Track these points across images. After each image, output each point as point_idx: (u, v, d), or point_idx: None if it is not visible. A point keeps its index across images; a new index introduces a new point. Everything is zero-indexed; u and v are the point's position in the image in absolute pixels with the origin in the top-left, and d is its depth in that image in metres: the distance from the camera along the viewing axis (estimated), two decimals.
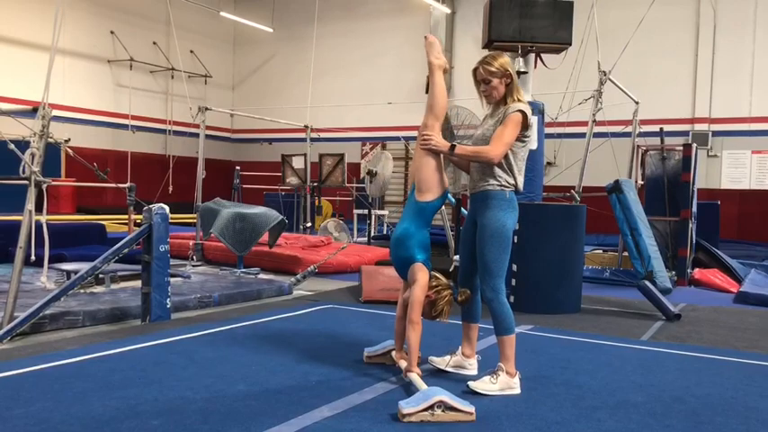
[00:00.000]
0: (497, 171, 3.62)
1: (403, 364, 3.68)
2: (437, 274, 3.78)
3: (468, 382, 3.51)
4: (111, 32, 17.58)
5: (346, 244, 9.82)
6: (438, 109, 3.83)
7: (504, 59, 3.68)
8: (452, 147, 3.69)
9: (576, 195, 8.23)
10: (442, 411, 3.03)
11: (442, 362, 3.91)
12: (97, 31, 17.23)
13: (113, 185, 7.57)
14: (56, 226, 7.90)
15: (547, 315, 5.82)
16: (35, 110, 4.78)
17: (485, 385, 3.48)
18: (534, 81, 7.02)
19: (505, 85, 3.65)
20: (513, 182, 3.65)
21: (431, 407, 3.02)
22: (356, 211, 12.98)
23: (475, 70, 3.72)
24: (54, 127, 4.93)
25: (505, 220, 3.61)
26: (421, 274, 3.66)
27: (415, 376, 3.49)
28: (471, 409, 3.07)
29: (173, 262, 5.91)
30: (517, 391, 3.51)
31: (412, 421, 2.99)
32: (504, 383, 3.50)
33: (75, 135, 15.19)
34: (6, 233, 7.80)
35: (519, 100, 3.65)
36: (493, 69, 3.63)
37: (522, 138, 3.65)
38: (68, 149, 6.43)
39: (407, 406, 3.03)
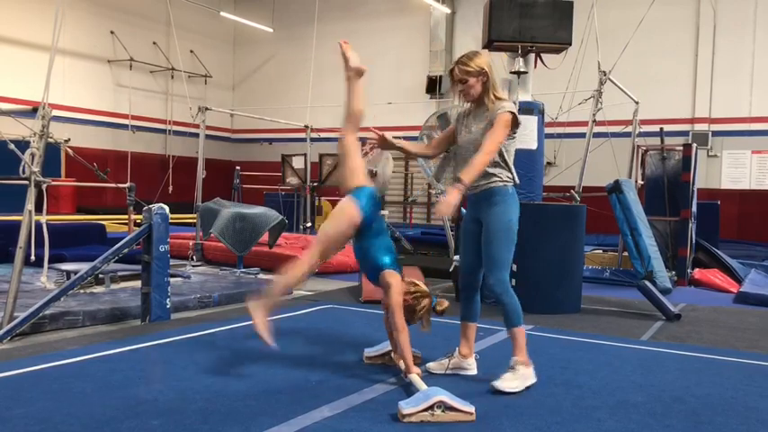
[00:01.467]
0: (497, 169, 3.66)
1: (402, 364, 3.68)
2: (415, 281, 3.79)
3: (492, 383, 3.51)
4: (111, 32, 17.58)
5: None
6: (356, 120, 3.81)
7: (481, 59, 3.68)
8: (459, 181, 3.52)
9: (576, 195, 8.23)
10: (442, 411, 3.03)
11: (441, 367, 3.91)
12: (97, 31, 17.23)
13: (113, 185, 7.57)
14: (56, 226, 7.90)
15: (547, 315, 5.81)
16: (35, 110, 4.78)
17: (509, 383, 3.51)
18: (534, 81, 7.02)
19: (482, 84, 3.66)
20: (511, 176, 3.70)
21: (431, 407, 3.02)
22: None
23: (451, 71, 3.73)
24: (54, 127, 4.93)
25: (512, 214, 3.67)
26: (392, 279, 3.66)
27: (414, 377, 3.49)
28: (471, 409, 3.07)
29: (172, 262, 5.91)
30: (534, 379, 3.60)
31: (412, 421, 2.99)
32: (524, 375, 3.57)
33: (75, 135, 15.16)
34: (6, 233, 7.80)
35: (498, 97, 3.66)
36: (469, 69, 3.64)
37: (511, 134, 3.68)
38: (68, 149, 6.43)
39: (407, 406, 3.03)
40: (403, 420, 3.00)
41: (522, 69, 6.66)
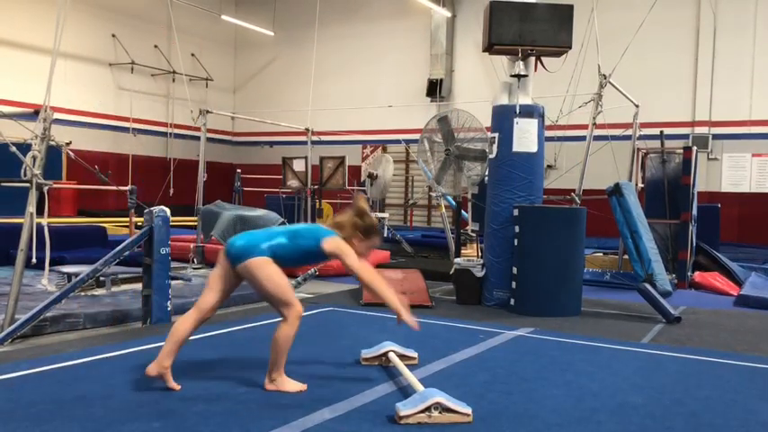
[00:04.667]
0: None
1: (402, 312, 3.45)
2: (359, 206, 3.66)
3: None
4: (113, 36, 17.62)
5: None
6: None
7: None
8: None
9: (577, 198, 8.24)
10: (439, 413, 3.03)
11: None
12: (99, 34, 17.27)
13: (114, 188, 7.58)
14: (57, 228, 7.92)
15: (547, 318, 5.82)
16: (37, 112, 4.80)
17: None
18: (534, 84, 7.03)
19: None
20: None
21: (428, 408, 3.02)
22: None
23: None
24: (55, 130, 4.95)
25: None
26: (333, 244, 3.49)
27: (406, 373, 3.50)
28: (468, 410, 3.07)
29: (173, 264, 5.91)
30: None
31: (409, 423, 2.99)
32: None
33: (77, 138, 15.26)
34: (7, 236, 7.81)
35: None
36: None
37: None
38: (69, 152, 6.45)
39: (404, 408, 3.03)
40: (400, 422, 3.00)
41: (522, 72, 6.67)
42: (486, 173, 7.20)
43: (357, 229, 3.60)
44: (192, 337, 4.65)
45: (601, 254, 10.02)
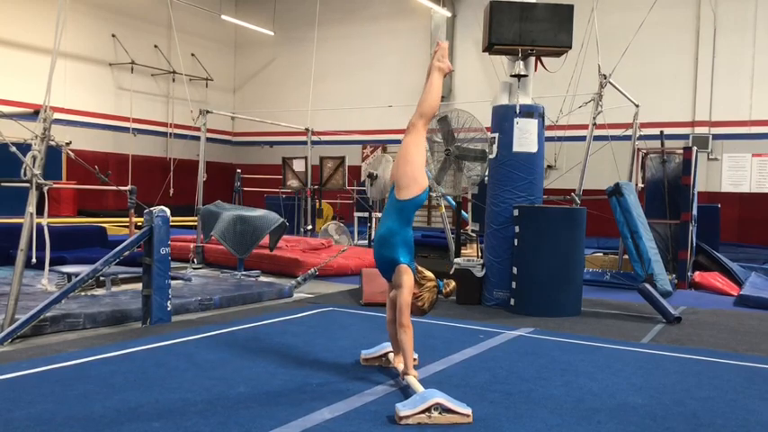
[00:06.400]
0: None
1: (402, 366, 3.68)
2: (422, 269, 3.76)
3: None
4: (113, 36, 17.62)
5: (347, 247, 9.83)
6: (427, 108, 3.91)
7: None
8: None
9: (577, 198, 8.24)
10: (439, 413, 3.03)
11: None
12: (99, 34, 17.27)
13: (114, 188, 7.57)
14: (57, 228, 7.92)
15: (547, 318, 5.82)
16: (36, 113, 4.80)
17: None
18: (534, 84, 7.03)
19: None
20: None
21: (428, 409, 3.02)
22: (357, 214, 12.99)
23: None
24: (55, 130, 4.95)
25: None
26: (406, 276, 3.63)
27: (412, 379, 3.49)
28: (468, 411, 3.07)
29: (173, 264, 5.92)
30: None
31: (409, 424, 2.99)
32: None
33: (77, 138, 15.27)
34: (7, 236, 7.80)
35: None
36: None
37: None
38: (69, 152, 6.45)
39: (404, 408, 3.03)
40: (400, 423, 3.00)
41: (522, 72, 6.67)
42: (487, 173, 7.20)
43: (427, 298, 3.73)
44: (191, 337, 4.67)
45: (601, 254, 10.02)
